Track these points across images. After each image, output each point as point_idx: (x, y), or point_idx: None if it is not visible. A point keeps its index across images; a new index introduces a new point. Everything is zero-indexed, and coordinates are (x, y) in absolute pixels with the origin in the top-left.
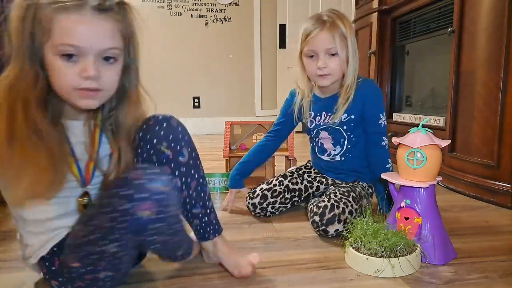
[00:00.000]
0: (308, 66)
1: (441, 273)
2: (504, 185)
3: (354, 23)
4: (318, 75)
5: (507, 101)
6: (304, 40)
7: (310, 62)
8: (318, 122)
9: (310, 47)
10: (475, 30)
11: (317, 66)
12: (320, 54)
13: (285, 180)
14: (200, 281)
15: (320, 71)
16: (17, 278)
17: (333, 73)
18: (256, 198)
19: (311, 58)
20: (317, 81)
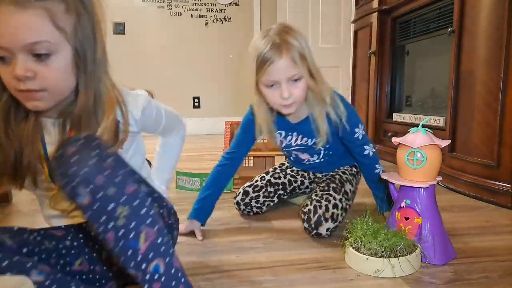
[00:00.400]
0: (269, 96)
1: (441, 273)
2: (504, 185)
3: (354, 23)
4: (282, 105)
5: (507, 101)
6: (260, 69)
7: (270, 92)
8: (289, 142)
9: (270, 78)
10: (475, 30)
11: (281, 96)
12: (282, 83)
13: (267, 175)
14: (200, 281)
15: (284, 101)
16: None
17: (299, 99)
18: (238, 196)
19: (271, 87)
20: (281, 110)
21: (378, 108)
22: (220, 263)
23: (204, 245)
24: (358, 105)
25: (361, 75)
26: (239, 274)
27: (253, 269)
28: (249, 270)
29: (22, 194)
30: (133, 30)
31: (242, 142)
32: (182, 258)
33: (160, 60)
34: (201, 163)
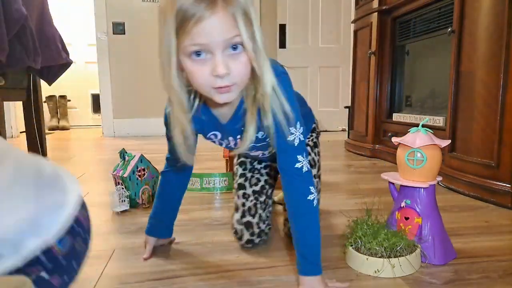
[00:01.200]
0: (195, 73)
1: (441, 273)
2: (504, 185)
3: (354, 23)
4: (215, 88)
5: (507, 101)
6: (181, 29)
7: (198, 66)
8: (227, 145)
9: (196, 40)
10: (475, 30)
11: (214, 72)
12: (216, 52)
13: (247, 189)
14: (200, 281)
15: (219, 81)
16: (17, 278)
17: (239, 81)
18: (245, 235)
19: (198, 57)
20: (214, 96)
21: (378, 108)
22: (220, 263)
23: (204, 245)
24: (358, 105)
25: (361, 75)
26: (239, 274)
27: (253, 269)
28: (249, 270)
29: None
30: (133, 30)
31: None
32: (182, 258)
33: None
34: (201, 163)
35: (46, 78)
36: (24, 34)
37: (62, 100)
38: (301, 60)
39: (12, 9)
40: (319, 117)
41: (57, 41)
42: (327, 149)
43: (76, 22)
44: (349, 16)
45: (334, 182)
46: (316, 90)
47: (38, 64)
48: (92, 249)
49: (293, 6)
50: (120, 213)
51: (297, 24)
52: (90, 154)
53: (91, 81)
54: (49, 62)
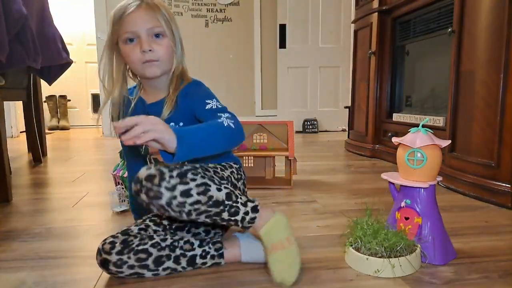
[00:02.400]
0: (130, 53)
1: (441, 273)
2: (504, 185)
3: (354, 23)
4: (144, 62)
5: (507, 101)
6: (117, 22)
7: (131, 48)
8: None
9: (129, 28)
10: (475, 30)
11: (141, 49)
12: (142, 35)
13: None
14: (200, 281)
15: (146, 55)
16: (17, 278)
17: (162, 59)
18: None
19: (131, 43)
20: (144, 70)
21: (378, 108)
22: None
23: None
24: (358, 105)
25: (361, 75)
26: (239, 274)
27: (253, 269)
28: (249, 270)
29: (22, 194)
30: None
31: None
32: None
33: None
34: None
35: (46, 78)
36: (24, 34)
37: (62, 100)
38: (301, 60)
39: (12, 9)
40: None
41: (57, 41)
42: (327, 149)
43: (76, 22)
44: (349, 16)
45: (334, 182)
46: (316, 90)
47: (38, 64)
48: (92, 249)
49: (293, 6)
50: (120, 213)
51: (297, 24)
52: (90, 154)
53: (91, 81)
54: (49, 62)
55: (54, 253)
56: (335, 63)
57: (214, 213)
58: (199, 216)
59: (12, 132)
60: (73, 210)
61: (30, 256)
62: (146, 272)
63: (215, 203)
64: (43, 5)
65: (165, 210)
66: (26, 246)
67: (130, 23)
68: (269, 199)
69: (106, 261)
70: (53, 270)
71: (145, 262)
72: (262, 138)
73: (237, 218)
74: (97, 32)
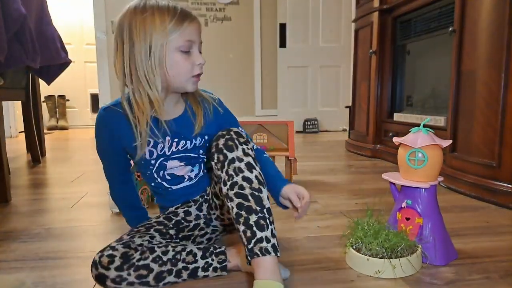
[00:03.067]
0: (183, 63)
1: (442, 273)
2: (505, 185)
3: (355, 22)
4: (193, 76)
5: (508, 101)
6: (177, 28)
7: (185, 57)
8: (161, 151)
9: (188, 37)
10: (476, 29)
11: (197, 62)
12: (195, 47)
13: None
14: (200, 281)
15: (197, 69)
16: (16, 278)
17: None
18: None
19: (184, 52)
20: (188, 83)
21: (379, 108)
22: None
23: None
24: (358, 104)
25: (361, 74)
26: (239, 274)
27: None
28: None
29: (20, 194)
30: None
31: (116, 163)
32: None
33: None
34: None
35: (45, 77)
36: (23, 34)
37: (61, 99)
38: (301, 59)
39: (11, 8)
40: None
41: (56, 40)
42: (328, 149)
43: (75, 22)
44: (349, 15)
45: (335, 182)
46: (317, 90)
47: (37, 63)
48: (92, 250)
49: (293, 5)
50: (119, 213)
51: (297, 23)
52: (89, 154)
53: (90, 80)
54: (48, 61)
55: (53, 254)
56: (336, 62)
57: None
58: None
59: (11, 132)
60: (72, 211)
61: (29, 257)
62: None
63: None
64: (41, 5)
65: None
66: (25, 246)
67: (193, 32)
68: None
69: (102, 277)
70: (53, 270)
71: (146, 279)
72: (262, 138)
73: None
74: (96, 31)
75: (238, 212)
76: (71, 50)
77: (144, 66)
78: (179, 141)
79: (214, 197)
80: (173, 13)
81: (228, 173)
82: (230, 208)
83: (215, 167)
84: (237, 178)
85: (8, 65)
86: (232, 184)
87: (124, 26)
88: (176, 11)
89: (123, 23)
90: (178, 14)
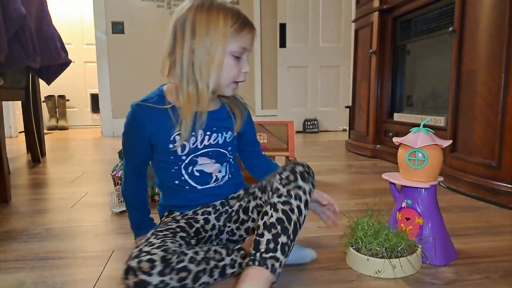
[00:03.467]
0: (232, 67)
1: (442, 273)
2: (505, 186)
3: (355, 22)
4: (235, 81)
5: (508, 101)
6: (237, 33)
7: (235, 62)
8: (193, 145)
9: (243, 44)
10: (476, 29)
11: (243, 70)
12: (245, 55)
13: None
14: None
15: (243, 76)
16: (16, 278)
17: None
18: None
19: (237, 57)
20: (228, 88)
21: (379, 108)
22: None
23: None
24: (358, 104)
25: (361, 74)
26: (239, 274)
27: None
28: None
29: (21, 194)
30: (132, 30)
31: (141, 155)
32: None
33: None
34: None
35: (45, 77)
36: (23, 34)
37: (61, 100)
38: (301, 59)
39: (11, 8)
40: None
41: (56, 40)
42: (328, 149)
43: (75, 22)
44: (349, 15)
45: (335, 182)
46: (317, 90)
47: (37, 63)
48: (92, 250)
49: (294, 5)
50: (119, 214)
51: (297, 23)
52: (89, 154)
53: (90, 80)
54: (48, 61)
55: (53, 254)
56: (336, 62)
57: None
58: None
59: (11, 132)
60: (72, 211)
61: (30, 257)
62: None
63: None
64: (41, 5)
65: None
66: (25, 246)
67: (248, 41)
68: None
69: (143, 284)
70: (53, 270)
71: (185, 281)
72: (262, 138)
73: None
74: (96, 31)
75: (274, 223)
76: (71, 50)
77: (202, 61)
78: (212, 134)
79: (242, 212)
80: (236, 18)
81: (289, 193)
82: (268, 214)
83: (277, 179)
84: (293, 202)
85: (8, 65)
86: (286, 202)
87: (187, 20)
88: (239, 17)
89: (187, 17)
90: (240, 20)
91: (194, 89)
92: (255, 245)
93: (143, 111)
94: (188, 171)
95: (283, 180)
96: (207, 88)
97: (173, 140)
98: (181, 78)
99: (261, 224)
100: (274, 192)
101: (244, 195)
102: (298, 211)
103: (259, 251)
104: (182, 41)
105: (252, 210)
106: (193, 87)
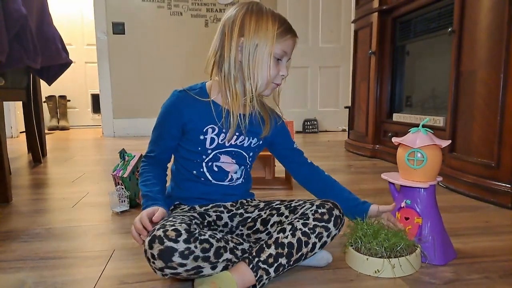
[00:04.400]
0: (272, 69)
1: (441, 273)
2: (504, 185)
3: (354, 23)
4: (275, 84)
5: (507, 101)
6: (282, 36)
7: (276, 63)
8: (222, 141)
9: (285, 48)
10: (475, 30)
11: (281, 72)
12: (284, 60)
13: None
14: None
15: (280, 79)
16: (17, 278)
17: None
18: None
19: (277, 60)
20: (266, 89)
21: (378, 108)
22: None
23: None
24: (358, 105)
25: (361, 75)
26: None
27: None
28: None
29: (21, 194)
30: (132, 30)
31: (170, 139)
32: None
33: (160, 60)
34: None
35: (45, 78)
36: (24, 34)
37: (62, 100)
38: (301, 60)
39: (12, 9)
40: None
41: (57, 41)
42: (327, 149)
43: (76, 22)
44: (349, 15)
45: None
46: (316, 90)
47: (38, 63)
48: (92, 250)
49: (293, 6)
50: (120, 213)
51: (297, 23)
52: (90, 154)
53: (91, 81)
54: (48, 62)
55: (53, 254)
56: (335, 63)
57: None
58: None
59: (11, 133)
60: (73, 211)
61: (30, 257)
62: (207, 265)
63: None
64: (42, 5)
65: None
66: (25, 246)
67: (290, 45)
68: (269, 199)
69: (170, 251)
70: (53, 270)
71: (208, 253)
72: None
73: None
74: (96, 32)
75: (285, 244)
76: (72, 51)
77: (249, 59)
78: (240, 135)
79: (260, 222)
80: (282, 23)
81: (315, 228)
82: (285, 233)
83: (312, 210)
84: (313, 237)
85: (9, 65)
86: (306, 234)
87: (237, 19)
88: (285, 23)
89: (236, 16)
90: (285, 25)
91: (242, 87)
92: (258, 249)
93: (183, 98)
94: (208, 165)
95: (316, 214)
96: (255, 87)
97: (205, 132)
98: (228, 75)
99: (274, 237)
100: (302, 217)
101: (265, 207)
102: (311, 247)
103: (258, 257)
104: (231, 38)
105: (273, 224)
106: (240, 85)
